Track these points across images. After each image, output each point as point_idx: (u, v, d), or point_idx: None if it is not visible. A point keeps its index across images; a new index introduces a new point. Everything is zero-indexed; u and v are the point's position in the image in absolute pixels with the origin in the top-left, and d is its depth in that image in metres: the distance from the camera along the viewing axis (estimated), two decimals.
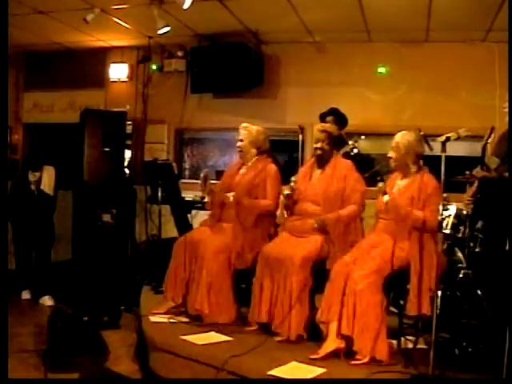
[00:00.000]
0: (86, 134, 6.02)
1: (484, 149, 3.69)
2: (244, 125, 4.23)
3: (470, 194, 4.00)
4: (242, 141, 4.17)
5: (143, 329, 3.81)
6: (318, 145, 3.87)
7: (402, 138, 3.49)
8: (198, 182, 4.27)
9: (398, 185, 3.54)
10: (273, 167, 4.15)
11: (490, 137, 3.62)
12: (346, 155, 4.74)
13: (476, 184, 3.86)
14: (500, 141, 3.71)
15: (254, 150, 4.17)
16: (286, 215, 3.97)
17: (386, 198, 3.39)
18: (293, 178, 3.90)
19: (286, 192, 3.85)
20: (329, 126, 3.95)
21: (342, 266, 3.30)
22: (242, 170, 4.22)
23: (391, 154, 3.52)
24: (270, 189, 4.08)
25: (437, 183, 3.31)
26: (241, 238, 3.95)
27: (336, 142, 3.93)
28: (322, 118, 5.18)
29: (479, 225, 4.07)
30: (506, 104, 3.68)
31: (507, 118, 3.65)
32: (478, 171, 3.66)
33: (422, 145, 3.50)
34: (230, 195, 3.99)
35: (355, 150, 4.88)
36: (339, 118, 5.13)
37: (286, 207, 3.97)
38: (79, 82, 6.98)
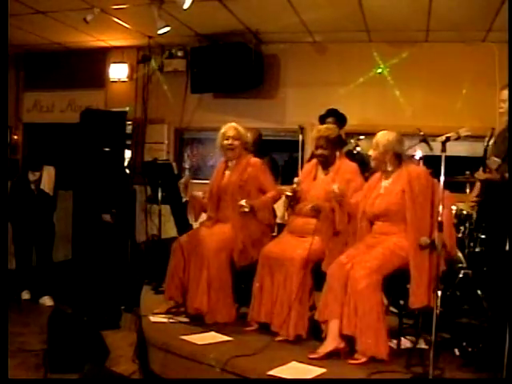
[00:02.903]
0: (85, 134, 6.03)
1: (486, 151, 3.69)
2: (233, 125, 4.21)
3: (474, 195, 3.99)
4: (234, 139, 4.16)
5: (143, 329, 3.81)
6: (319, 152, 3.87)
7: (382, 136, 3.52)
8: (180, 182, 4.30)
9: (384, 185, 3.54)
10: (257, 160, 4.17)
11: (491, 139, 3.63)
12: (349, 153, 4.74)
13: (478, 185, 3.86)
14: (497, 141, 3.71)
15: (243, 150, 4.19)
16: (286, 216, 3.95)
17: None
18: (296, 180, 3.89)
19: (288, 193, 3.84)
20: (324, 130, 3.88)
21: (338, 266, 3.29)
22: (227, 172, 4.23)
23: (371, 152, 3.54)
24: (266, 182, 4.09)
25: (426, 171, 3.37)
26: (241, 236, 3.95)
27: (337, 142, 3.91)
28: (322, 120, 5.17)
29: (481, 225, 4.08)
30: (502, 104, 3.69)
31: (504, 118, 3.66)
32: (479, 174, 3.66)
33: (402, 145, 3.53)
34: (244, 202, 3.93)
35: (358, 149, 4.87)
36: (339, 118, 5.13)
37: (287, 208, 3.95)
38: (79, 82, 6.99)
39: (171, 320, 3.90)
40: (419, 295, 3.18)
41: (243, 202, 3.93)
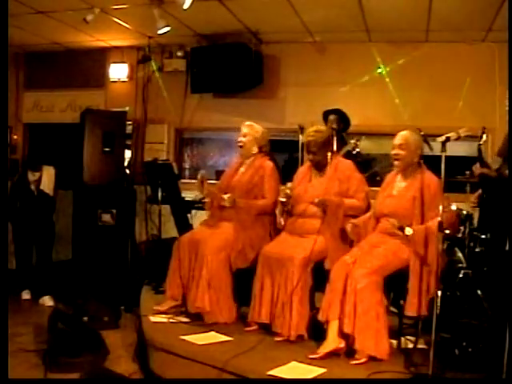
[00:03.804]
0: (86, 133, 6.02)
1: (479, 150, 3.70)
2: (248, 123, 4.24)
3: (475, 196, 4.01)
4: (244, 136, 4.18)
5: (143, 329, 3.81)
6: (310, 157, 3.88)
7: (410, 136, 3.49)
8: (195, 182, 4.30)
9: (398, 186, 3.54)
10: (269, 164, 4.16)
11: (481, 138, 3.64)
12: (348, 154, 4.74)
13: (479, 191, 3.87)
14: (504, 141, 3.71)
15: (255, 148, 4.18)
16: (283, 222, 3.95)
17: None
18: (289, 185, 3.89)
19: (281, 199, 3.83)
20: (313, 134, 3.84)
21: (342, 265, 3.30)
22: (241, 170, 4.23)
23: (399, 151, 3.48)
24: (267, 187, 4.09)
25: (438, 181, 3.32)
26: (241, 237, 3.95)
27: (326, 144, 3.88)
28: (325, 115, 5.18)
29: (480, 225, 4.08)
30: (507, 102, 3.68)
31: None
32: (477, 167, 3.67)
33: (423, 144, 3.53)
34: (226, 197, 3.97)
35: (357, 149, 4.87)
36: (342, 118, 5.13)
37: (282, 213, 3.95)
38: (79, 82, 6.98)
39: (171, 320, 3.91)
40: (414, 304, 3.21)
41: (225, 197, 3.93)
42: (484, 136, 3.71)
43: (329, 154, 3.89)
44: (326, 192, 3.74)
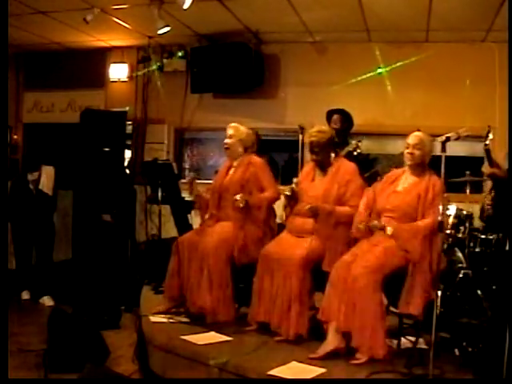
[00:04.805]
0: (85, 134, 6.03)
1: (487, 150, 3.70)
2: (233, 124, 4.26)
3: (490, 198, 4.01)
4: (230, 138, 4.19)
5: (143, 329, 3.81)
6: (312, 157, 3.88)
7: (425, 137, 3.49)
8: (184, 181, 4.32)
9: (404, 183, 3.54)
10: (258, 159, 4.18)
11: (487, 137, 3.64)
12: (349, 155, 4.73)
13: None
14: None
15: (241, 149, 4.20)
16: (284, 216, 3.96)
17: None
18: (295, 180, 3.89)
19: (287, 193, 3.85)
20: (315, 134, 3.83)
21: (343, 265, 3.30)
22: (231, 170, 4.24)
23: (414, 151, 3.46)
24: (265, 180, 4.09)
25: (442, 184, 3.32)
26: (242, 233, 3.95)
27: (329, 144, 3.88)
28: (329, 114, 5.18)
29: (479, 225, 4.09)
30: None
31: None
32: (486, 167, 3.67)
33: None
34: (238, 197, 3.93)
35: (358, 150, 4.87)
36: (345, 118, 5.13)
37: (286, 207, 3.96)
38: (79, 82, 6.98)
39: (171, 320, 3.91)
40: (406, 304, 3.21)
41: (238, 197, 3.93)
42: (490, 135, 3.72)
43: (332, 154, 3.89)
44: (325, 193, 3.74)
